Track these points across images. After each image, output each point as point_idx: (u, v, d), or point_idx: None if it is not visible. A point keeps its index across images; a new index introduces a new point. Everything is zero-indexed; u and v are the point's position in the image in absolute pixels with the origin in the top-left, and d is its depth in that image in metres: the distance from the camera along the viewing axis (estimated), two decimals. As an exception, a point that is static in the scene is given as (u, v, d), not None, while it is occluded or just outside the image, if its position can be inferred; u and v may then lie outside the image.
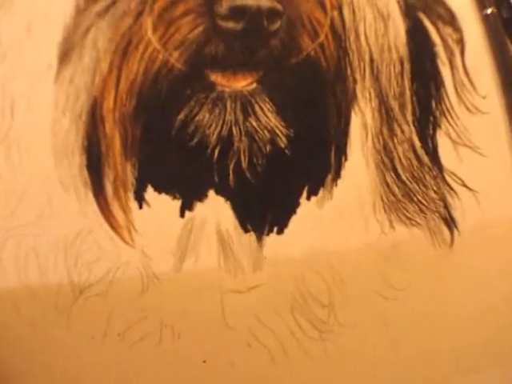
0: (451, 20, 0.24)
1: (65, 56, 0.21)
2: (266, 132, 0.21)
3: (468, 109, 0.24)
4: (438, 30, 0.24)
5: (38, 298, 0.20)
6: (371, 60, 0.23)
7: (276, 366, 0.22)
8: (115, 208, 0.21)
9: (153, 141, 0.21)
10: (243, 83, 0.21)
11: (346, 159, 0.22)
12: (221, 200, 0.21)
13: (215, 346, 0.21)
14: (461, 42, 0.24)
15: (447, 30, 0.24)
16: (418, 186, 0.23)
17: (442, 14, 0.24)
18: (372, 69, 0.23)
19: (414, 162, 0.23)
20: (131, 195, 0.21)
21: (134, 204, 0.21)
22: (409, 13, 0.24)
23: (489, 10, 0.24)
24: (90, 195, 0.21)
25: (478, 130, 0.24)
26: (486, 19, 0.24)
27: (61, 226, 0.21)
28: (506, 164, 0.25)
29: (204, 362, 0.21)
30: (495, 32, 0.24)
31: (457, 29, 0.24)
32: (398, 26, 0.23)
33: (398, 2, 0.23)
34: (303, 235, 0.22)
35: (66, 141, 0.21)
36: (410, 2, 0.24)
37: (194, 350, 0.21)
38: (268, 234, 0.22)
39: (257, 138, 0.21)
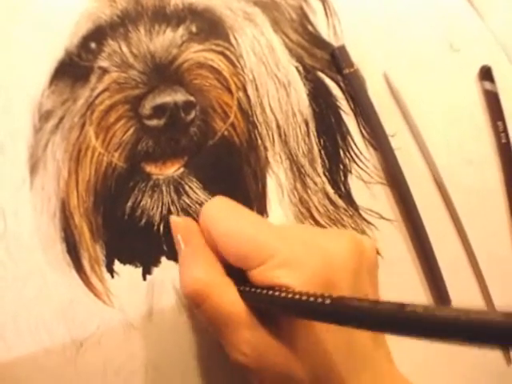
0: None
1: (33, 169, 0.27)
2: (197, 205, 0.26)
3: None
4: (338, 84, 0.27)
5: (50, 352, 0.27)
6: (278, 127, 0.26)
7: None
8: (94, 280, 0.27)
9: (112, 225, 0.27)
10: (173, 169, 0.26)
11: (267, 216, 0.27)
12: (172, 263, 0.27)
13: (189, 372, 0.28)
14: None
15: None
16: (336, 226, 0.27)
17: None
18: (280, 134, 0.26)
19: (330, 207, 0.27)
20: (104, 269, 0.27)
21: (107, 275, 0.27)
22: (308, 76, 0.27)
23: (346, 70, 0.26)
24: (74, 273, 0.27)
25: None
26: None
27: (57, 297, 0.27)
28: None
29: (181, 385, 0.28)
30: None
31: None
32: (300, 90, 0.26)
33: (297, 68, 0.26)
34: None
35: (48, 234, 0.27)
36: (309, 65, 0.27)
37: (173, 377, 0.28)
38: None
39: (191, 211, 0.26)
